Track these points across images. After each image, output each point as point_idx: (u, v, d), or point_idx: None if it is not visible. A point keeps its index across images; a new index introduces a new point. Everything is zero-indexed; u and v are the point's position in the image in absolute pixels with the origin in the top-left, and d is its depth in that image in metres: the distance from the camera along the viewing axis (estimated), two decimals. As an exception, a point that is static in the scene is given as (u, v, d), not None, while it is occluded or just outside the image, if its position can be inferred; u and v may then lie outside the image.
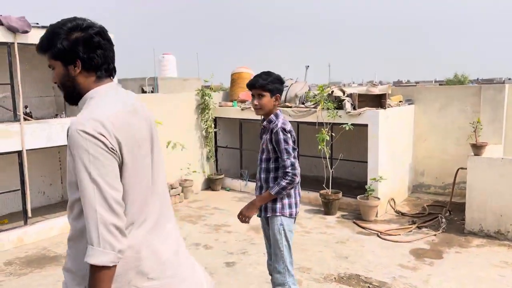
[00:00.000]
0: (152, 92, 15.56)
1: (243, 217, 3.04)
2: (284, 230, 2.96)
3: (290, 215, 3.01)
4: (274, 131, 2.92)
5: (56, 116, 6.56)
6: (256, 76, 2.98)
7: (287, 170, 2.89)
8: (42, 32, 1.67)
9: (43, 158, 6.78)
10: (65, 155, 6.53)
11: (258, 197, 3.01)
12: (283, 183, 2.90)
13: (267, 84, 2.93)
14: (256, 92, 2.96)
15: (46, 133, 5.67)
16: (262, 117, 3.15)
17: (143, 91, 15.87)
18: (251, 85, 2.99)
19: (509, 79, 64.19)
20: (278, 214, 2.98)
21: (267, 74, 2.98)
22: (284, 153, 2.90)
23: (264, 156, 3.03)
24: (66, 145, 1.54)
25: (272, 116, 3.00)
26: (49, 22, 1.57)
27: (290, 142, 2.93)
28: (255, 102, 2.98)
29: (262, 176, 3.05)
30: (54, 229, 5.91)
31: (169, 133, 7.30)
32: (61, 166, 7.26)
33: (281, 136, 2.91)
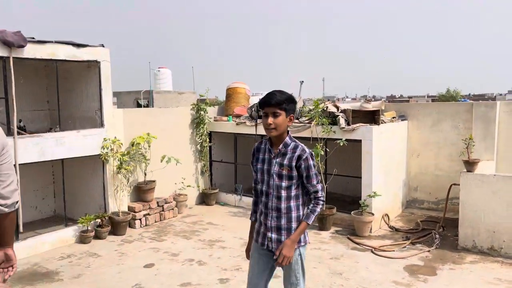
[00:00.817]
0: (147, 105, 15.60)
1: (287, 259, 2.68)
2: (301, 259, 2.79)
3: (307, 243, 2.89)
4: (304, 157, 2.70)
5: (50, 130, 6.55)
6: (271, 94, 2.71)
7: (319, 195, 2.75)
8: (37, 46, 1.69)
9: (36, 172, 6.75)
10: (59, 170, 6.50)
11: (297, 232, 2.71)
12: (318, 209, 2.75)
13: (284, 101, 2.67)
14: (271, 110, 2.66)
15: (40, 147, 5.65)
16: (264, 139, 2.89)
17: (138, 105, 15.91)
18: (266, 103, 2.68)
19: (500, 94, 65.03)
20: (302, 244, 2.80)
21: (281, 92, 2.73)
22: (315, 178, 2.75)
23: (284, 184, 2.72)
24: (61, 159, 1.56)
25: (287, 139, 2.75)
26: (46, 37, 1.59)
27: None
28: (269, 121, 2.65)
29: (283, 205, 2.73)
30: (46, 244, 5.85)
31: (163, 147, 7.30)
32: (54, 180, 7.22)
33: (312, 161, 2.73)
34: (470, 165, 5.63)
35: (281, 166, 2.73)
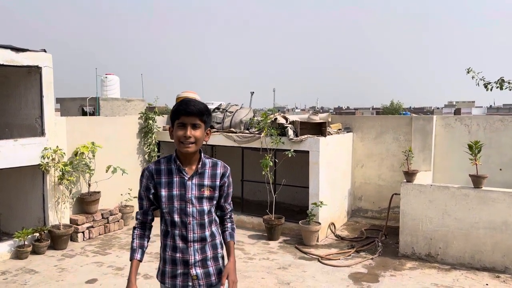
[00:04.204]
0: (93, 112, 15.01)
1: (236, 285, 2.33)
2: None
3: None
4: (227, 173, 2.41)
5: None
6: (188, 101, 2.25)
7: (232, 215, 2.54)
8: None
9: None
10: (2, 180, 6.08)
11: (232, 254, 2.39)
12: (235, 226, 2.55)
13: (204, 112, 2.25)
14: (190, 120, 2.22)
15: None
16: (162, 158, 2.39)
17: (84, 112, 15.27)
18: (185, 111, 2.21)
19: (437, 108, 69.42)
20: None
21: (199, 101, 2.30)
22: (230, 195, 2.49)
23: (206, 208, 2.32)
24: (3, 169, 1.46)
25: (203, 157, 2.36)
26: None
27: None
28: (189, 133, 2.21)
29: (207, 233, 2.34)
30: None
31: (109, 157, 7.07)
32: (-12, 191, 6.74)
33: (231, 178, 2.48)
34: (409, 175, 5.94)
35: (201, 187, 2.31)
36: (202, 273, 2.33)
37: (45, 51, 6.08)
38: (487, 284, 4.96)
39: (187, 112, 2.21)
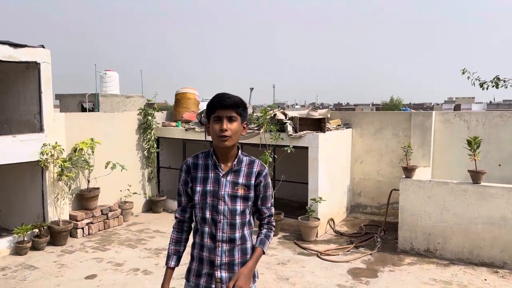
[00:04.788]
0: (92, 109, 15.02)
1: None
2: None
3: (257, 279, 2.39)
4: (264, 173, 2.27)
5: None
6: (223, 94, 2.18)
7: (273, 220, 2.37)
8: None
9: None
10: (2, 176, 6.08)
11: (253, 259, 2.23)
12: (272, 235, 2.36)
13: (240, 104, 2.16)
14: (226, 113, 2.13)
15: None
16: (201, 152, 2.32)
17: (83, 108, 15.28)
18: (220, 104, 2.14)
19: (437, 104, 69.40)
20: (256, 279, 2.34)
21: (233, 94, 2.20)
22: (270, 199, 2.34)
23: (239, 207, 2.21)
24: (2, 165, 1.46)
25: (240, 154, 2.26)
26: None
27: None
28: (225, 126, 2.12)
29: (237, 234, 2.22)
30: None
31: (108, 153, 7.07)
32: (-13, 187, 6.75)
33: (270, 179, 2.34)
34: (408, 171, 5.95)
35: (235, 185, 2.21)
36: (227, 278, 2.20)
37: (43, 46, 6.06)
38: (485, 279, 4.98)
39: (222, 105, 2.13)
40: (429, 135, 7.28)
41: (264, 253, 2.29)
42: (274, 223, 2.38)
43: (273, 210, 2.37)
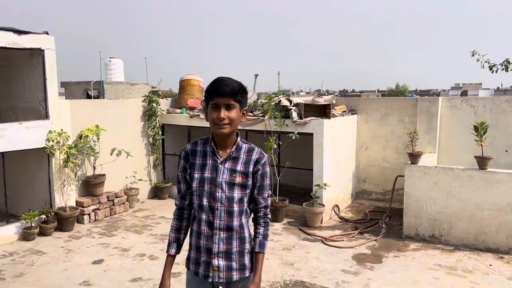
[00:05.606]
0: (97, 96, 15.02)
1: None
2: None
3: None
4: (263, 161, 2.21)
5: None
6: (221, 80, 2.10)
7: (268, 213, 2.29)
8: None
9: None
10: (9, 163, 6.13)
11: (258, 270, 2.21)
12: (269, 232, 2.30)
13: (238, 91, 2.10)
14: (224, 101, 2.07)
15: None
16: (200, 139, 2.28)
17: (88, 96, 15.28)
18: (217, 91, 2.07)
19: (444, 90, 68.74)
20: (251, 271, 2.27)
21: (232, 80, 2.13)
22: (268, 189, 2.27)
23: (236, 195, 2.16)
24: (1, 153, 1.46)
25: (239, 141, 2.21)
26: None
27: None
28: (222, 114, 2.07)
29: (235, 222, 2.17)
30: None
31: (114, 140, 7.09)
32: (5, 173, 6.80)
33: (269, 168, 2.27)
34: (414, 157, 5.91)
35: (233, 172, 2.17)
36: (225, 266, 2.18)
37: (47, 33, 6.04)
38: (490, 265, 4.98)
39: (220, 92, 2.06)
40: (435, 121, 7.22)
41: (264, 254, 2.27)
42: (270, 216, 2.30)
43: (269, 201, 2.31)
